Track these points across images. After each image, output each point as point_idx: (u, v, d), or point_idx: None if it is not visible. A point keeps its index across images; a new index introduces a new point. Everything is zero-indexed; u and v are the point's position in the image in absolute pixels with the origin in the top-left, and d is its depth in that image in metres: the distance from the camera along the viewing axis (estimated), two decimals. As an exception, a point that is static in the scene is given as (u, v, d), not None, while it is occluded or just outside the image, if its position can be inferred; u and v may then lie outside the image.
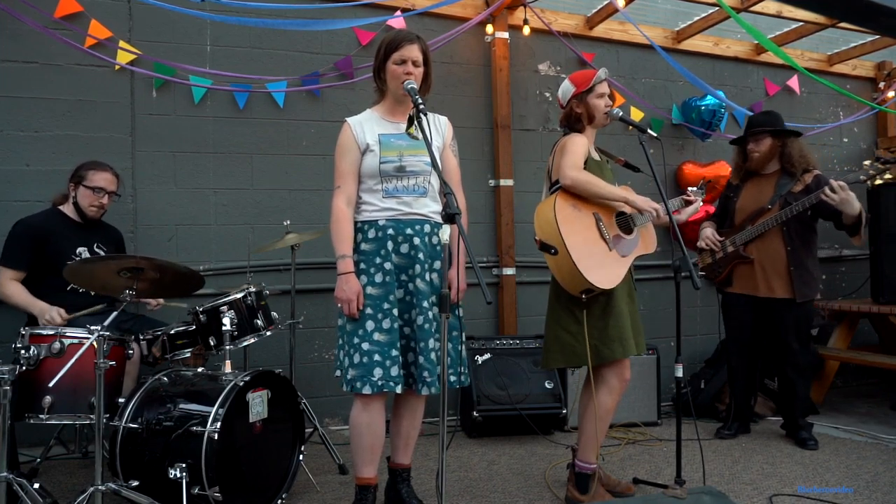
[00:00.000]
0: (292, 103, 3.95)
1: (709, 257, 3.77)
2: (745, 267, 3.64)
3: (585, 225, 2.64)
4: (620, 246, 2.69)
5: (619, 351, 2.62)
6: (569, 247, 2.52)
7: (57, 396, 2.45)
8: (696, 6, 4.52)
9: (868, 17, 1.09)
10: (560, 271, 2.59)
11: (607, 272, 2.59)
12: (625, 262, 2.68)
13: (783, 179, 3.62)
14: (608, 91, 2.80)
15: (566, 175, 2.61)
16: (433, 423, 3.86)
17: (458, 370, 2.55)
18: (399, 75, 2.42)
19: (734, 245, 3.65)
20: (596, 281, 2.53)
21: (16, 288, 2.95)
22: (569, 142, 2.71)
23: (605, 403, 2.70)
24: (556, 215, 2.56)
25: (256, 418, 2.55)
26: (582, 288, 2.57)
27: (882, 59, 5.45)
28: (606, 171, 2.82)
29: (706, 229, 3.79)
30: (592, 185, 2.63)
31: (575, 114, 2.78)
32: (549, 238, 2.57)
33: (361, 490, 2.50)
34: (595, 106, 2.75)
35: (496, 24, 4.31)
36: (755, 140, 3.63)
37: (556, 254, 2.54)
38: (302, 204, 3.98)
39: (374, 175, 2.46)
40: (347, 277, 2.40)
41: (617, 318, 2.64)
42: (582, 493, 2.70)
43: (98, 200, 3.12)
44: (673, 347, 2.83)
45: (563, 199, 2.64)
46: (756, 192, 3.67)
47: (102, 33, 3.57)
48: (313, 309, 3.90)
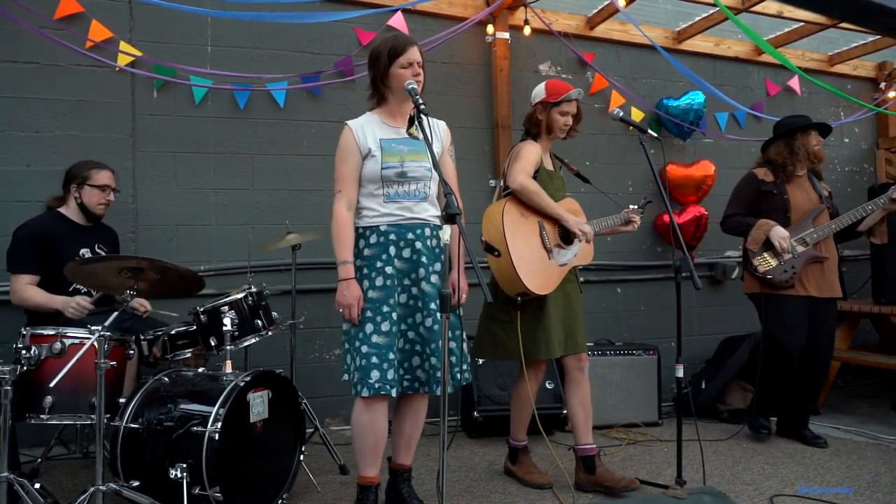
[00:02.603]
0: (293, 103, 3.95)
1: (774, 259, 3.49)
2: (812, 267, 3.52)
3: (529, 232, 2.82)
4: (559, 255, 2.87)
5: (544, 352, 2.83)
6: (511, 251, 2.70)
7: (58, 396, 2.45)
8: (697, 6, 4.52)
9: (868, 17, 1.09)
10: (501, 273, 2.76)
11: (543, 279, 2.78)
12: (561, 271, 2.87)
13: (815, 182, 3.66)
14: (573, 112, 2.94)
15: (515, 180, 2.79)
16: (434, 423, 3.85)
17: (462, 367, 2.56)
18: (407, 78, 2.41)
19: (805, 244, 3.48)
20: (532, 286, 2.72)
21: (33, 290, 2.97)
22: (523, 149, 2.88)
23: (522, 392, 3.00)
24: (504, 220, 2.73)
25: (257, 418, 2.55)
26: (518, 291, 2.75)
27: (883, 59, 5.44)
28: (556, 180, 2.99)
29: (778, 228, 3.48)
30: (537, 195, 2.80)
31: (536, 119, 2.94)
32: (494, 240, 2.74)
33: (363, 490, 2.50)
34: (555, 120, 2.91)
35: (497, 24, 4.31)
36: (817, 138, 3.61)
37: (499, 256, 2.71)
38: (302, 204, 3.98)
39: (375, 180, 2.46)
40: (348, 283, 2.41)
41: (546, 322, 2.83)
42: (513, 464, 3.09)
43: (105, 198, 3.16)
44: (673, 348, 2.84)
45: (511, 204, 2.82)
46: (803, 191, 3.61)
47: (103, 34, 3.58)
48: (314, 309, 3.90)
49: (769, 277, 3.49)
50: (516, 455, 3.10)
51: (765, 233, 3.51)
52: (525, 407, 3.02)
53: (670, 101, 4.65)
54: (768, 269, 3.49)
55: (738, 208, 3.67)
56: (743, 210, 3.65)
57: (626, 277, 4.64)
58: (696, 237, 4.61)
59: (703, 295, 4.72)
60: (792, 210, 3.56)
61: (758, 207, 3.61)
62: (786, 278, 3.48)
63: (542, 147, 2.95)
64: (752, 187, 3.65)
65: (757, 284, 3.57)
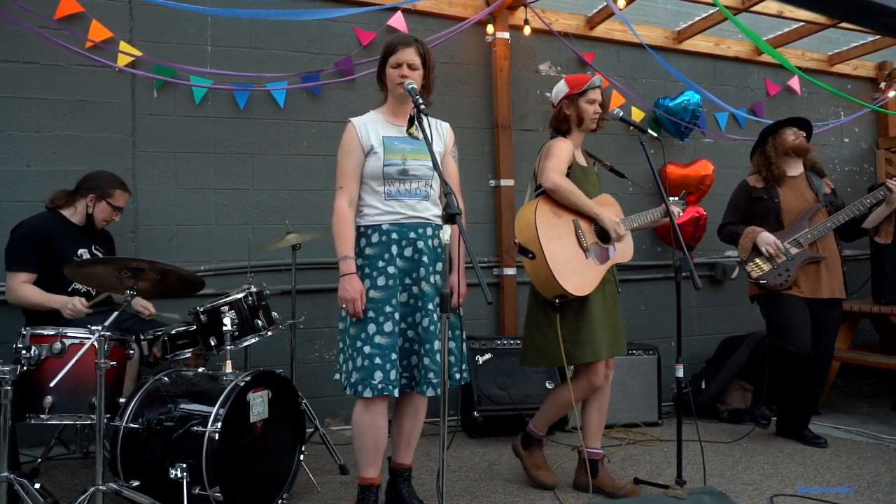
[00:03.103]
0: (293, 103, 3.95)
1: (766, 264, 3.50)
2: (810, 268, 3.51)
3: (564, 231, 2.72)
4: (597, 254, 2.77)
5: (589, 354, 2.72)
6: (546, 253, 2.60)
7: (58, 396, 2.45)
8: (697, 6, 4.52)
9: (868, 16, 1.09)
10: (536, 276, 2.69)
11: (582, 280, 2.68)
12: (600, 270, 2.77)
13: (814, 180, 3.64)
14: (600, 99, 2.87)
15: (549, 179, 2.70)
16: (434, 423, 3.85)
17: (461, 367, 2.56)
18: (395, 78, 2.45)
19: (799, 246, 3.49)
20: (570, 288, 2.63)
21: (30, 289, 2.96)
22: (554, 146, 2.79)
23: (565, 396, 2.83)
24: (536, 220, 2.64)
25: (257, 418, 2.55)
26: (556, 293, 2.67)
27: (883, 58, 5.44)
28: (591, 176, 2.90)
29: (764, 234, 3.50)
30: (572, 193, 2.72)
31: (564, 115, 2.87)
32: (527, 242, 2.66)
33: (363, 490, 2.50)
34: (584, 110, 2.83)
35: (497, 24, 4.31)
36: (793, 132, 3.61)
37: (533, 258, 2.63)
38: (302, 204, 3.98)
39: (377, 177, 2.47)
40: (350, 278, 2.40)
41: (589, 323, 2.73)
42: (523, 449, 3.01)
43: (113, 217, 3.19)
44: (673, 348, 2.84)
45: (544, 204, 2.73)
46: (796, 192, 3.60)
47: (103, 34, 3.58)
48: (314, 309, 3.90)
49: (763, 283, 3.50)
50: (529, 443, 3.01)
51: (751, 240, 3.54)
52: (560, 410, 2.94)
53: (667, 101, 4.65)
54: (761, 274, 3.50)
55: (732, 217, 3.73)
56: (737, 218, 3.68)
57: (626, 277, 4.61)
58: (695, 237, 4.61)
59: (703, 295, 4.72)
60: (784, 213, 3.57)
61: (751, 214, 3.64)
62: (780, 282, 3.48)
63: (574, 143, 2.86)
64: (744, 195, 3.71)
65: (756, 287, 3.58)
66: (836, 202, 3.63)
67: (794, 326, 3.45)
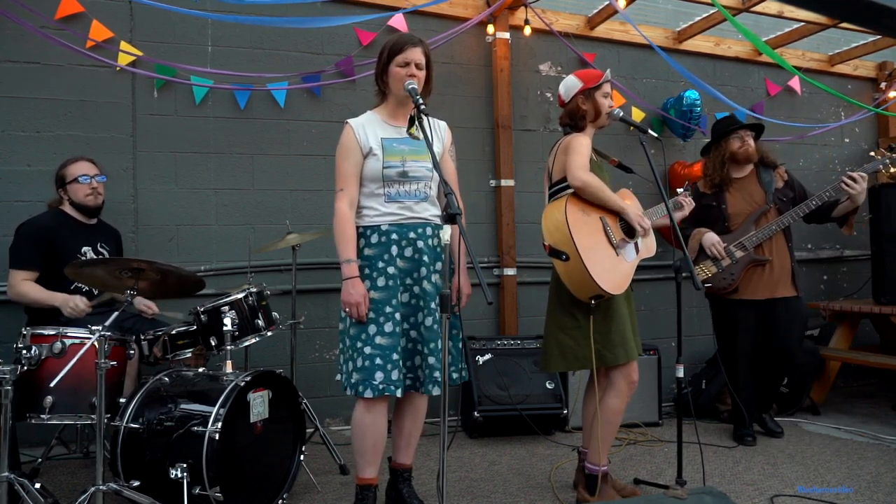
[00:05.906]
0: (293, 103, 3.95)
1: (713, 266, 3.55)
2: (755, 270, 3.54)
3: (594, 229, 2.62)
4: (626, 250, 2.69)
5: (623, 355, 2.64)
6: (581, 253, 2.49)
7: (58, 396, 2.45)
8: (697, 6, 4.52)
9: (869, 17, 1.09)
10: (570, 277, 2.55)
11: (617, 277, 2.59)
12: (630, 267, 2.68)
13: (765, 176, 3.63)
14: (611, 93, 2.82)
15: (577, 177, 2.58)
16: (434, 423, 3.86)
17: (459, 366, 2.56)
18: (402, 77, 2.41)
19: (744, 249, 3.51)
20: (608, 287, 2.52)
21: (30, 286, 2.96)
22: (574, 141, 2.68)
23: (613, 406, 2.71)
24: (568, 220, 2.53)
25: (257, 418, 2.55)
26: (593, 294, 2.55)
27: (883, 59, 5.44)
28: (604, 173, 2.82)
29: (709, 235, 3.56)
30: (601, 190, 2.61)
31: (581, 110, 2.75)
32: (559, 243, 2.54)
33: (362, 490, 2.50)
34: (601, 103, 2.75)
35: (497, 24, 4.31)
36: (740, 138, 3.62)
37: (567, 259, 2.51)
38: (303, 204, 3.98)
39: (376, 179, 2.46)
40: (353, 282, 2.40)
41: (619, 323, 2.65)
42: (590, 495, 2.72)
43: (90, 187, 3.12)
44: (674, 348, 2.83)
45: (573, 203, 2.60)
46: (744, 194, 3.62)
47: (103, 34, 3.58)
48: (314, 309, 3.91)
49: (708, 286, 3.57)
50: (594, 484, 2.70)
51: (698, 241, 3.60)
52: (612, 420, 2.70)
53: (670, 101, 4.66)
54: (706, 277, 3.55)
55: (686, 222, 3.71)
56: (690, 224, 3.69)
57: (626, 277, 4.63)
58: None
59: (703, 295, 4.70)
60: (730, 219, 3.61)
61: (701, 220, 3.67)
62: (725, 285, 3.55)
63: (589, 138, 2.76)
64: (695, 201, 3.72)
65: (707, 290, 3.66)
66: (788, 195, 3.61)
67: (733, 327, 3.62)
